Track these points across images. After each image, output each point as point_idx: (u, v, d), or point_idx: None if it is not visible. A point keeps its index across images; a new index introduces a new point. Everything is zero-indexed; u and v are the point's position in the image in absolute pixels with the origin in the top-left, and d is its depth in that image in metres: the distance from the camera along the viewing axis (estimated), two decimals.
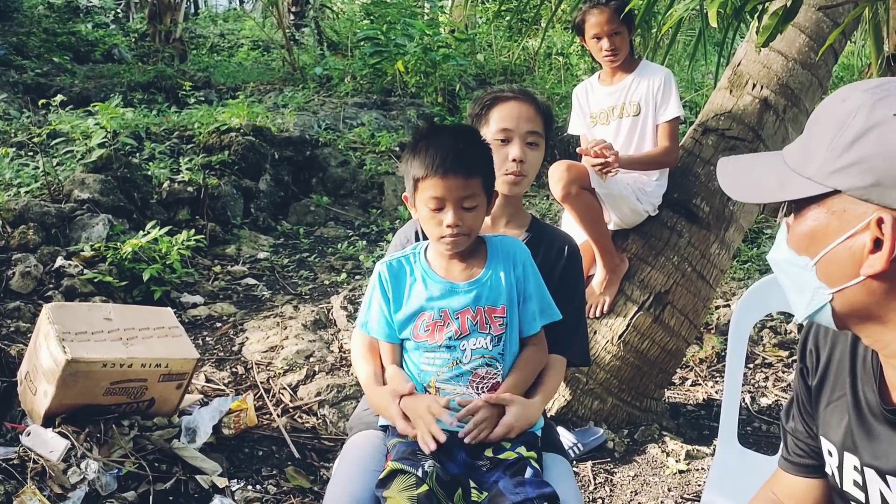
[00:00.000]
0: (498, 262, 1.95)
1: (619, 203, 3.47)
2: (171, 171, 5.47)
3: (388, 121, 7.80)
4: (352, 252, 5.41)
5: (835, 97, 1.08)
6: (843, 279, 1.07)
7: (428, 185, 1.84)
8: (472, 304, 1.91)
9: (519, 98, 2.23)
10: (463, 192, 1.84)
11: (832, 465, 1.28)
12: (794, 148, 1.12)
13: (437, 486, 1.72)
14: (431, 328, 1.91)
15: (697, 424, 3.77)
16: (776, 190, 1.10)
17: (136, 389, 2.88)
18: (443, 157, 1.83)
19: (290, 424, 3.29)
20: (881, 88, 1.04)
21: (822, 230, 1.07)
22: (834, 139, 1.04)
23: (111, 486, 2.63)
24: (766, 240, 6.44)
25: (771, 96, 3.66)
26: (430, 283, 1.94)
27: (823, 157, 1.04)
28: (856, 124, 1.02)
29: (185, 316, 4.22)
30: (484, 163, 1.92)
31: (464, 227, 1.86)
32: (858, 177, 1.01)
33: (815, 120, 1.09)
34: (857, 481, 1.22)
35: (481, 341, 1.89)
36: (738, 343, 2.33)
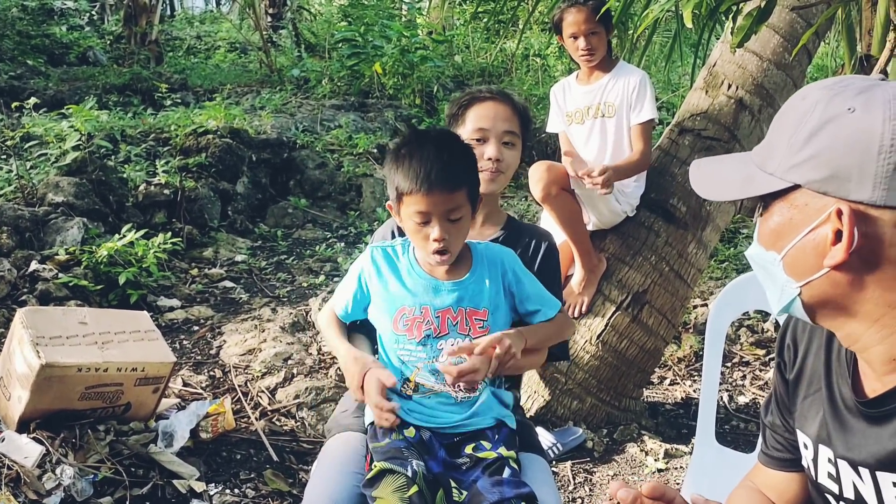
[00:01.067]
0: (483, 267, 1.96)
1: (598, 204, 3.48)
2: (147, 173, 5.43)
3: (365, 122, 7.78)
4: (330, 254, 5.39)
5: (796, 96, 1.11)
6: (809, 272, 1.09)
7: (413, 200, 1.82)
8: (453, 305, 1.91)
9: (496, 98, 2.23)
10: (448, 206, 1.83)
11: (808, 457, 1.29)
12: (760, 146, 1.15)
13: (424, 485, 1.72)
14: (410, 323, 1.91)
15: (676, 423, 3.78)
16: (741, 187, 1.13)
17: (112, 394, 2.85)
18: (427, 172, 1.80)
19: (269, 427, 3.27)
20: (838, 85, 1.07)
21: (787, 225, 1.09)
22: (793, 135, 1.06)
23: (87, 492, 2.61)
24: (742, 239, 6.49)
25: (746, 96, 3.68)
26: (414, 277, 1.95)
27: (783, 153, 1.07)
28: (812, 119, 1.05)
29: (162, 319, 4.18)
30: (468, 172, 1.91)
31: (450, 239, 1.85)
32: (816, 170, 1.04)
33: (778, 118, 1.12)
34: (832, 473, 1.22)
35: (459, 342, 1.89)
36: (716, 341, 2.35)
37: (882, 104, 1.02)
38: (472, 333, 1.91)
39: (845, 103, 1.03)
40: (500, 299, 1.96)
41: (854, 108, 1.02)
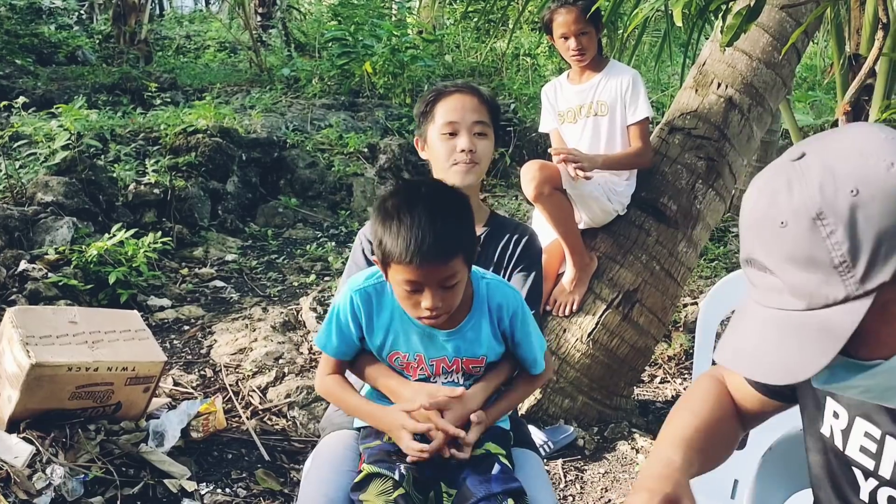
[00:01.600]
0: (483, 313, 1.85)
1: (590, 203, 3.49)
2: (136, 173, 5.41)
3: (356, 122, 7.77)
4: (321, 253, 5.39)
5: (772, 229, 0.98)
6: None
7: (402, 269, 1.65)
8: (450, 356, 1.85)
9: (462, 90, 2.22)
10: (442, 276, 1.67)
11: (835, 426, 1.24)
12: (788, 294, 0.99)
13: (412, 488, 1.72)
14: (404, 367, 1.88)
15: None
16: (828, 342, 0.96)
17: (103, 393, 2.84)
18: (418, 244, 1.61)
19: (260, 427, 3.26)
20: (792, 181, 0.98)
21: (892, 323, 0.97)
22: (831, 253, 0.94)
23: (77, 492, 2.60)
24: (731, 238, 6.51)
25: (736, 95, 3.70)
26: (406, 322, 1.83)
27: (838, 275, 0.94)
28: (832, 224, 0.94)
29: (152, 319, 4.17)
30: (464, 235, 1.72)
31: (444, 306, 1.70)
32: (893, 256, 0.93)
33: (782, 259, 0.98)
34: (867, 448, 1.19)
35: (453, 378, 1.89)
36: (706, 339, 2.36)
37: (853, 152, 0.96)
38: (467, 373, 1.89)
39: (841, 191, 0.94)
40: (498, 341, 1.89)
41: (853, 190, 0.94)
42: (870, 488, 1.21)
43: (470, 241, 1.74)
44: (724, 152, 3.69)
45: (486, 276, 1.89)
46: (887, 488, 1.18)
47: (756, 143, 3.93)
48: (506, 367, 1.96)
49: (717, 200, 3.75)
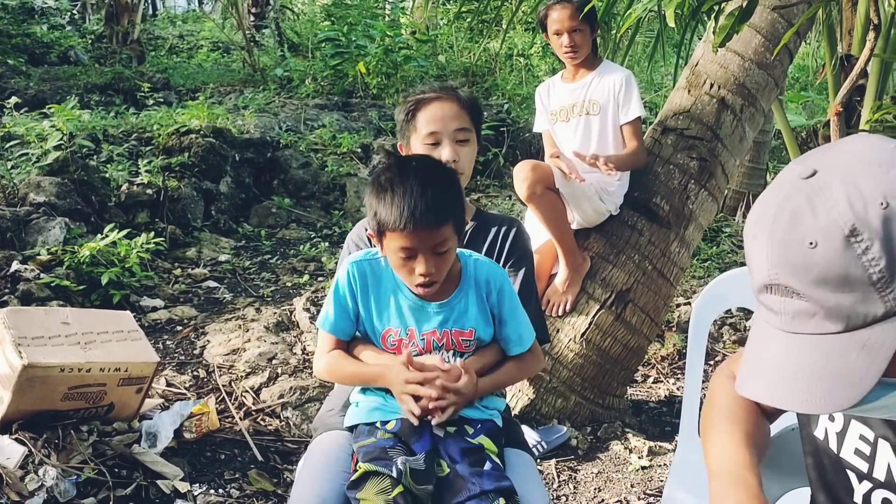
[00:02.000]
0: (470, 286, 1.94)
1: (583, 203, 3.50)
2: (129, 173, 5.40)
3: (349, 122, 7.77)
4: (314, 254, 5.38)
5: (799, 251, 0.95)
6: None
7: (396, 236, 1.77)
8: (438, 327, 1.91)
9: (441, 97, 2.22)
10: (435, 241, 1.78)
11: (830, 429, 1.24)
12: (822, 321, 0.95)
13: (411, 482, 1.72)
14: (397, 344, 1.92)
15: (659, 421, 3.81)
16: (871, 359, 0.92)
17: (95, 394, 2.84)
18: (412, 210, 1.73)
19: (253, 427, 3.26)
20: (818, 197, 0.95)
21: None
22: (868, 270, 0.91)
23: (70, 493, 2.59)
24: (724, 238, 6.53)
25: (728, 96, 3.71)
26: (399, 296, 1.91)
27: (878, 293, 0.91)
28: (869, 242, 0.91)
29: (145, 319, 4.16)
30: (454, 203, 1.84)
31: (437, 273, 1.81)
32: None
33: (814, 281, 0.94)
34: (862, 451, 1.19)
35: (444, 355, 1.91)
36: (699, 339, 2.36)
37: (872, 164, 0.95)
38: (457, 348, 1.92)
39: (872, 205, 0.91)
40: (486, 318, 1.95)
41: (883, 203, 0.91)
42: (864, 490, 1.21)
43: (459, 210, 1.85)
44: (717, 152, 3.70)
45: (473, 255, 1.98)
46: (882, 491, 1.18)
47: (748, 143, 3.94)
48: (494, 351, 1.99)
49: (709, 201, 3.76)
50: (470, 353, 1.94)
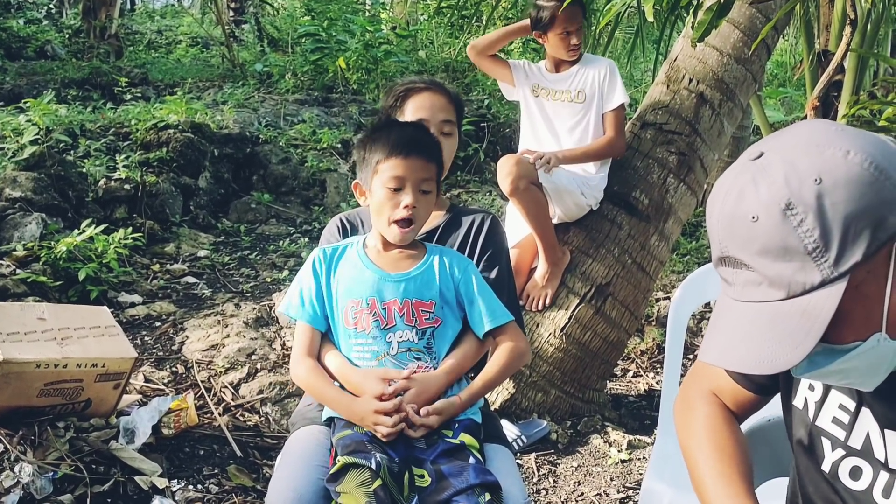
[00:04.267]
0: (432, 262, 2.00)
1: (565, 197, 3.52)
2: (107, 168, 5.35)
3: (329, 118, 7.74)
4: (294, 249, 5.36)
5: (744, 225, 1.02)
6: None
7: (390, 165, 1.91)
8: (400, 296, 1.94)
9: (431, 89, 2.31)
10: (423, 174, 1.93)
11: (810, 398, 1.28)
12: (766, 286, 1.03)
13: (388, 477, 1.72)
14: (359, 316, 1.93)
15: (639, 415, 3.82)
16: (810, 325, 1.00)
17: (72, 390, 2.81)
18: (406, 140, 1.93)
19: (232, 423, 3.24)
20: (756, 175, 1.03)
21: (868, 302, 1.02)
22: (803, 241, 0.98)
23: (46, 490, 2.57)
24: (703, 233, 6.56)
25: (707, 91, 3.73)
26: (362, 270, 1.98)
27: (814, 262, 0.99)
28: (801, 212, 0.98)
29: (123, 315, 4.13)
30: (439, 154, 2.01)
31: (418, 210, 1.92)
32: (862, 237, 0.97)
33: (756, 252, 1.02)
34: (840, 419, 1.23)
35: (407, 334, 1.93)
36: (677, 331, 2.37)
37: (811, 145, 1.01)
38: (419, 325, 1.94)
39: (805, 181, 0.99)
40: (450, 296, 1.98)
41: (817, 179, 0.99)
42: (834, 458, 1.24)
43: (440, 163, 2.01)
44: (696, 147, 3.72)
45: (435, 246, 2.09)
46: (854, 458, 1.21)
47: (727, 138, 3.97)
48: (470, 352, 2.00)
49: (688, 195, 3.77)
50: (431, 327, 1.94)
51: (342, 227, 2.21)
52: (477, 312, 1.99)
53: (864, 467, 1.19)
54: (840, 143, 1.00)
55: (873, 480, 1.18)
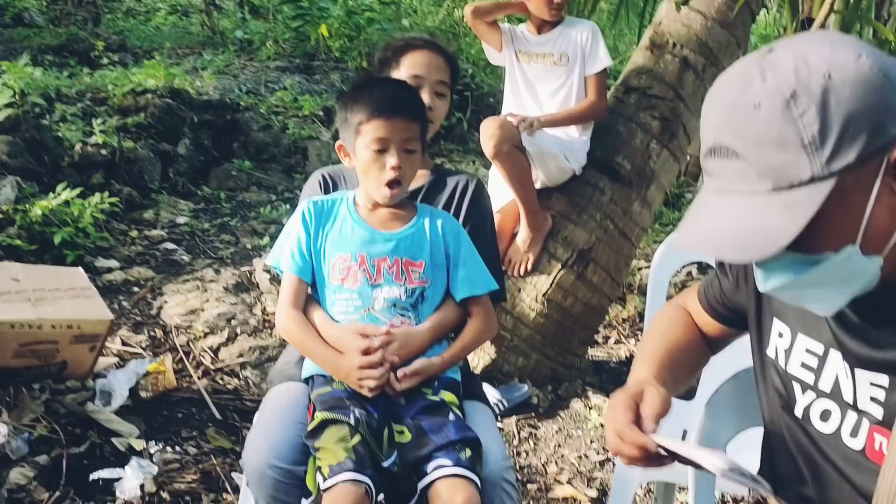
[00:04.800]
0: (423, 223, 1.99)
1: (548, 161, 3.50)
2: (83, 133, 5.26)
3: (311, 85, 7.65)
4: (275, 216, 5.31)
5: (745, 112, 1.02)
6: (889, 235, 1.04)
7: (372, 126, 1.88)
8: (390, 254, 1.92)
9: (429, 47, 2.30)
10: (407, 135, 1.90)
11: (780, 346, 1.30)
12: (754, 181, 1.02)
13: (367, 433, 1.71)
14: (346, 271, 1.91)
15: (620, 380, 3.80)
16: (789, 219, 0.99)
17: (47, 351, 2.78)
18: (388, 100, 1.90)
19: (211, 386, 3.22)
20: (765, 68, 1.02)
21: (849, 212, 1.02)
22: (801, 132, 0.98)
23: (22, 451, 2.54)
24: (685, 203, 6.57)
25: (690, 55, 3.71)
26: (353, 226, 1.96)
27: (808, 156, 0.98)
28: (806, 106, 0.98)
29: (100, 280, 4.07)
30: (423, 112, 1.99)
31: (405, 170, 1.90)
32: (858, 139, 0.97)
33: (752, 141, 1.01)
34: (808, 364, 1.24)
35: (395, 291, 1.91)
36: (658, 292, 2.36)
37: (824, 44, 1.02)
38: (408, 283, 1.92)
39: (816, 74, 0.99)
40: (440, 258, 1.97)
41: (826, 74, 0.98)
42: (806, 403, 1.24)
43: (425, 125, 2.00)
44: (679, 112, 3.70)
45: (426, 206, 2.07)
46: (824, 400, 1.21)
47: None
48: (452, 314, 1.99)
49: (671, 160, 3.76)
50: (421, 286, 1.93)
51: (324, 183, 2.18)
52: (459, 277, 1.98)
53: (833, 409, 1.20)
54: (853, 47, 1.01)
55: (841, 422, 1.18)
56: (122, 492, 2.52)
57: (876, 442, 1.13)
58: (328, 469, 1.64)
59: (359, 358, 1.82)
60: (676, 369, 1.42)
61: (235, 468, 2.76)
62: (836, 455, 1.19)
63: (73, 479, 2.55)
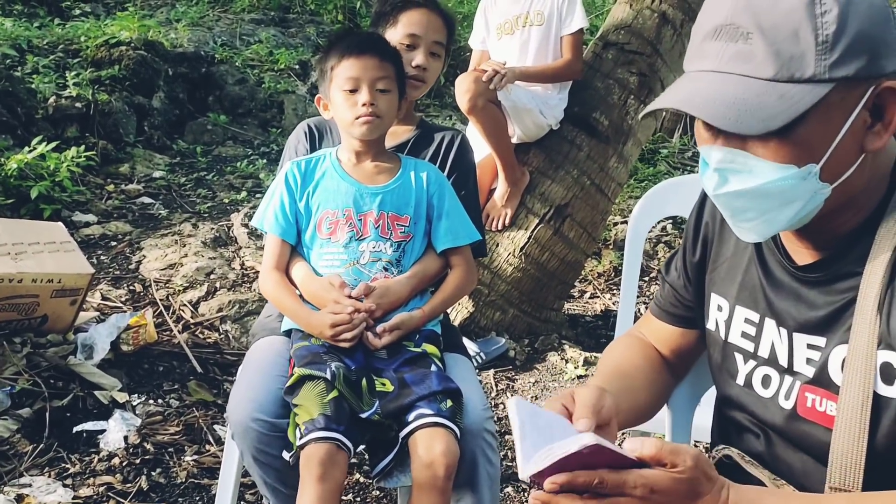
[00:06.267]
0: (409, 176, 2.00)
1: (524, 116, 3.50)
2: (56, 86, 5.19)
3: (286, 38, 7.56)
4: (252, 171, 5.29)
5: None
6: (846, 167, 1.07)
7: (343, 67, 1.92)
8: (376, 208, 1.95)
9: (429, 7, 2.28)
10: (377, 73, 1.92)
11: (719, 318, 1.34)
12: (757, 65, 1.03)
13: (344, 386, 1.74)
14: (334, 226, 1.94)
15: (595, 334, 3.90)
16: (781, 109, 1.01)
17: (28, 305, 2.78)
18: (359, 42, 1.95)
19: (192, 340, 3.24)
20: None
21: (825, 128, 1.04)
22: (817, 31, 1.00)
23: (5, 404, 2.56)
24: (661, 159, 6.61)
25: (669, 10, 3.71)
26: (338, 181, 1.98)
27: (815, 54, 1.00)
28: (829, 7, 1.00)
29: (78, 235, 4.06)
30: (395, 55, 2.02)
31: (378, 108, 1.92)
32: (857, 57, 1.01)
33: (769, 26, 1.02)
34: (748, 333, 1.28)
35: (380, 245, 1.94)
36: (636, 245, 2.39)
37: None
38: (394, 237, 1.95)
39: None
40: (423, 210, 2.00)
41: None
42: (747, 370, 1.29)
43: (400, 70, 2.02)
44: (656, 68, 3.72)
45: (410, 158, 2.09)
46: (764, 367, 1.26)
47: None
48: (433, 265, 2.02)
49: (648, 117, 3.78)
50: (405, 240, 1.96)
51: (309, 133, 2.18)
52: (442, 228, 2.01)
53: (772, 375, 1.24)
54: None
55: (779, 386, 1.23)
56: (106, 443, 2.56)
57: (808, 400, 1.17)
58: (304, 426, 1.68)
59: (329, 316, 1.84)
60: (627, 380, 1.40)
61: (217, 421, 2.80)
62: (775, 416, 1.23)
63: (57, 431, 2.58)
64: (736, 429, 1.33)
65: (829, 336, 1.15)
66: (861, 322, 1.09)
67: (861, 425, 1.08)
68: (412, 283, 1.96)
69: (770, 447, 1.26)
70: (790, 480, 1.21)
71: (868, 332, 1.08)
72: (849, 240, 1.14)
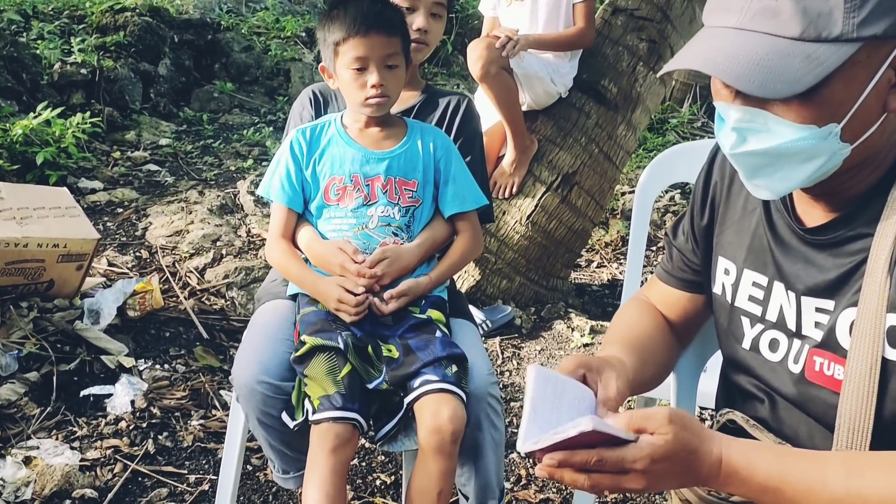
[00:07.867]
0: (415, 141, 1.98)
1: (535, 84, 3.48)
2: (62, 52, 5.16)
3: (293, 5, 7.51)
4: (258, 139, 5.27)
5: None
6: (867, 126, 1.05)
7: (350, 46, 1.84)
8: (383, 173, 1.93)
9: None
10: (386, 51, 1.86)
11: (726, 282, 1.33)
12: (783, 23, 1.00)
13: (355, 356, 1.73)
14: (342, 192, 1.92)
15: (601, 302, 3.89)
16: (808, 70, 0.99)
17: (34, 270, 2.78)
18: (364, 17, 1.84)
19: (198, 306, 3.24)
20: None
21: (849, 87, 1.01)
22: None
23: (12, 367, 2.57)
24: (670, 129, 6.56)
25: None
26: (344, 148, 1.95)
27: (843, 13, 0.98)
28: None
29: (84, 202, 4.05)
30: (402, 24, 1.94)
31: (388, 86, 1.87)
32: (886, 15, 0.98)
33: None
34: (755, 296, 1.27)
35: (389, 210, 1.92)
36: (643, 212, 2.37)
37: None
38: (402, 202, 1.94)
39: None
40: (430, 175, 1.98)
41: None
42: (754, 334, 1.28)
43: (406, 36, 1.95)
44: (666, 34, 3.67)
45: (416, 122, 2.06)
46: (772, 331, 1.25)
47: (698, 25, 3.91)
48: (441, 231, 2.01)
49: (657, 84, 3.75)
50: (413, 206, 1.95)
51: (314, 100, 2.16)
52: (449, 193, 1.99)
53: (780, 339, 1.23)
54: None
55: (788, 350, 1.22)
56: (113, 408, 2.57)
57: (816, 364, 1.16)
58: (318, 401, 1.68)
59: (337, 289, 1.83)
60: (639, 351, 1.39)
61: (224, 386, 2.81)
62: (783, 380, 1.22)
63: (64, 395, 2.60)
64: (741, 394, 1.33)
65: (838, 299, 1.14)
66: (871, 284, 1.08)
67: (869, 390, 1.07)
68: (421, 251, 1.95)
69: (775, 412, 1.25)
70: (795, 445, 1.20)
71: (878, 295, 1.07)
72: (861, 200, 1.12)
